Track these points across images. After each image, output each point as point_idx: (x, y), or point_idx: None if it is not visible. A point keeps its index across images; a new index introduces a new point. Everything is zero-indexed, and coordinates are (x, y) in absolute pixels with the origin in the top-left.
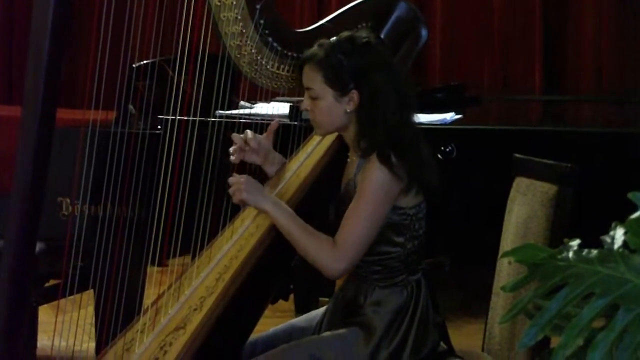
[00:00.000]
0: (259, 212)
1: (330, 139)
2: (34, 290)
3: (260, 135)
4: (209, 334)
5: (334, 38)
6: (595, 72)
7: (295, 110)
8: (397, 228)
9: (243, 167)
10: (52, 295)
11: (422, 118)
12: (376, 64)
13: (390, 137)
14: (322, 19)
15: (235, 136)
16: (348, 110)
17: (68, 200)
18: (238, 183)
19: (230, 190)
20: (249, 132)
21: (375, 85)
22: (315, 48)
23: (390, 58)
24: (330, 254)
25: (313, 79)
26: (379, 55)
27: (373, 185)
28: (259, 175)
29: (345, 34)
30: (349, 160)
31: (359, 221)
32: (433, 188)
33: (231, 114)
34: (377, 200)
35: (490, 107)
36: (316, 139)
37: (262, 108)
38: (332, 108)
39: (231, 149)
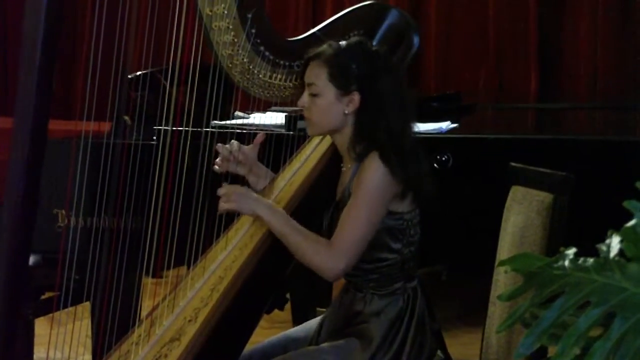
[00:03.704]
0: (253, 222)
1: (325, 145)
2: (30, 303)
3: (245, 147)
4: (204, 346)
5: (343, 42)
6: (591, 78)
7: (291, 120)
8: (393, 233)
9: (228, 179)
10: (48, 308)
11: (418, 127)
12: (382, 71)
13: (392, 141)
14: (317, 26)
15: (220, 146)
16: (346, 112)
17: (64, 212)
18: (227, 194)
19: (221, 201)
20: (235, 143)
21: (380, 90)
22: (324, 47)
23: (396, 67)
24: (329, 254)
25: (318, 74)
26: (386, 63)
27: (370, 184)
28: (244, 184)
29: (355, 39)
30: (343, 169)
31: (357, 221)
32: (428, 199)
33: (226, 124)
34: (374, 200)
35: (486, 116)
36: (309, 147)
37: (258, 118)
38: (331, 106)
39: (217, 160)
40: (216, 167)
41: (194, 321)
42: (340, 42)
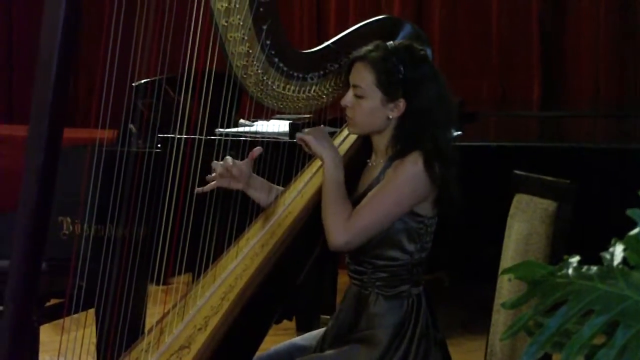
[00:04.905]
0: (264, 232)
1: (346, 145)
2: (36, 310)
3: (240, 162)
4: (213, 354)
5: (391, 43)
6: (593, 86)
7: (295, 128)
8: (411, 234)
9: (226, 192)
10: (53, 315)
11: None
12: (429, 77)
13: (436, 148)
14: (321, 40)
15: (215, 164)
16: (390, 117)
17: (69, 220)
18: (311, 131)
19: (304, 134)
20: (229, 158)
21: (427, 98)
22: (370, 47)
23: (440, 74)
24: (341, 224)
25: (364, 77)
26: (432, 69)
27: (405, 178)
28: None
29: (403, 42)
30: (370, 164)
31: (378, 206)
32: (455, 207)
33: (230, 132)
34: (404, 192)
35: (489, 123)
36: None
37: (262, 126)
38: (375, 111)
39: (208, 177)
40: (205, 188)
41: (204, 329)
42: (388, 44)
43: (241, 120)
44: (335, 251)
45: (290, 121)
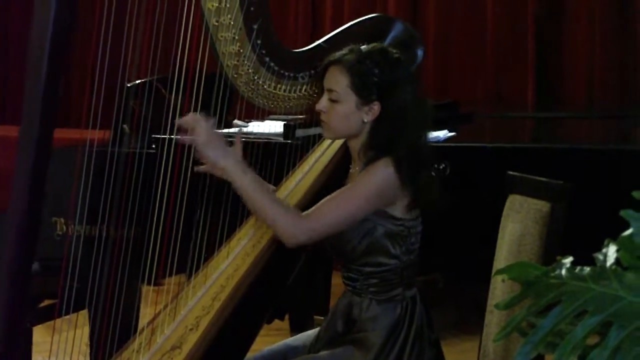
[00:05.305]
0: (256, 231)
1: (334, 148)
2: (29, 311)
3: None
4: (205, 354)
5: (365, 47)
6: (588, 88)
7: (289, 129)
8: (393, 238)
9: (218, 192)
10: (46, 316)
11: None
12: (403, 80)
13: (409, 152)
14: (316, 39)
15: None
16: (365, 120)
17: (62, 220)
18: (196, 127)
19: (192, 135)
20: None
21: (400, 100)
22: (345, 51)
23: (415, 75)
24: (296, 222)
25: (339, 81)
26: (407, 72)
27: (372, 179)
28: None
29: (377, 45)
30: (351, 171)
31: (341, 206)
32: (434, 208)
33: (224, 132)
34: (368, 195)
35: (484, 124)
36: (313, 157)
37: (256, 126)
38: (350, 114)
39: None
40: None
41: (196, 329)
42: (362, 47)
43: (235, 121)
44: (291, 247)
45: (285, 122)
